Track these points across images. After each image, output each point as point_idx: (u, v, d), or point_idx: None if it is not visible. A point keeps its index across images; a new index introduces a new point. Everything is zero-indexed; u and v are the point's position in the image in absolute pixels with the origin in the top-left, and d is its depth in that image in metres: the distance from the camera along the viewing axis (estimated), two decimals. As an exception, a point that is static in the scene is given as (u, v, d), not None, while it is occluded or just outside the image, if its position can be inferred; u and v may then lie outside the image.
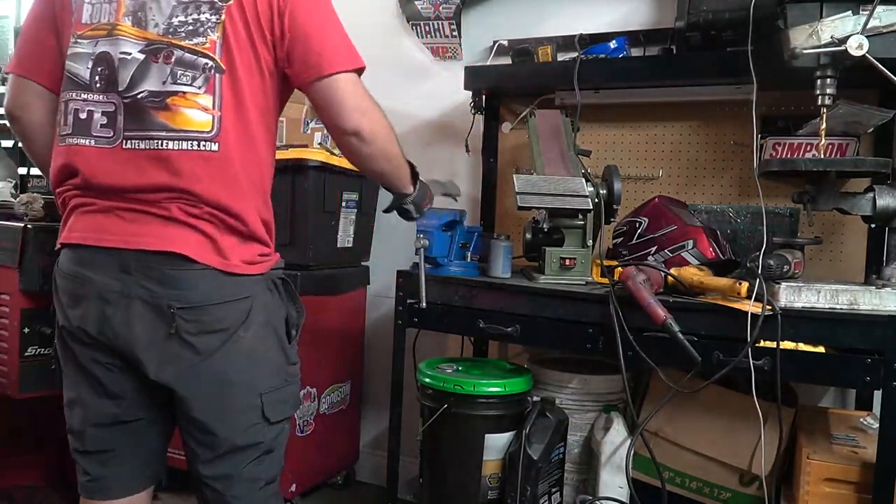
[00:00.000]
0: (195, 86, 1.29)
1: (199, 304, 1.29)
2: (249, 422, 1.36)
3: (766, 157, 2.11)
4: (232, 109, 1.30)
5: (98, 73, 1.32)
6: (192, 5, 1.30)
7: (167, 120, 1.28)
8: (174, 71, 1.29)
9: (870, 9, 1.52)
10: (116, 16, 1.31)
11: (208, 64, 1.29)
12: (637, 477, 1.95)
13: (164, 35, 1.29)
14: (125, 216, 1.29)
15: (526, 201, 1.91)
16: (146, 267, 1.28)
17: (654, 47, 2.35)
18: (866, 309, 1.59)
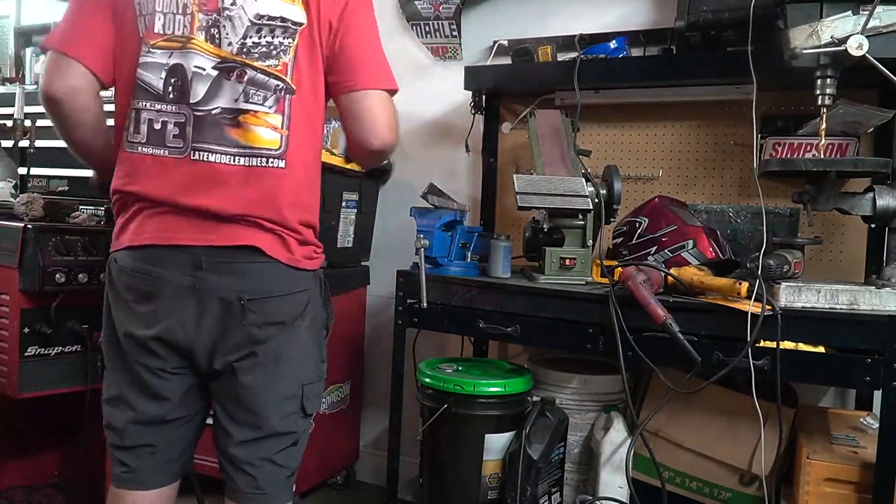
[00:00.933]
0: (266, 105, 1.36)
1: (265, 296, 1.36)
2: (290, 409, 1.43)
3: (766, 157, 2.11)
4: (299, 129, 1.39)
5: (171, 84, 1.36)
6: (266, 28, 1.36)
7: (238, 136, 1.35)
8: (247, 90, 1.35)
9: (870, 9, 1.52)
10: (190, 29, 1.35)
11: (279, 85, 1.37)
12: (637, 477, 1.95)
13: (237, 54, 1.35)
14: (193, 220, 1.35)
15: (526, 201, 1.91)
16: (217, 262, 1.34)
17: (654, 47, 2.35)
18: (866, 309, 1.59)
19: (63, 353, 1.97)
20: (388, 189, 2.78)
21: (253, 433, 1.40)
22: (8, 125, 2.42)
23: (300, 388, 1.43)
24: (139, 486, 1.47)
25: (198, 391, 1.45)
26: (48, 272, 1.87)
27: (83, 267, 1.94)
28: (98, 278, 1.96)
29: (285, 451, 1.44)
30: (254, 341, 1.37)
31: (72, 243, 1.95)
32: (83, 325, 1.98)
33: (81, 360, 1.99)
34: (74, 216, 2.12)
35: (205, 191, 1.33)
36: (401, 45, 2.79)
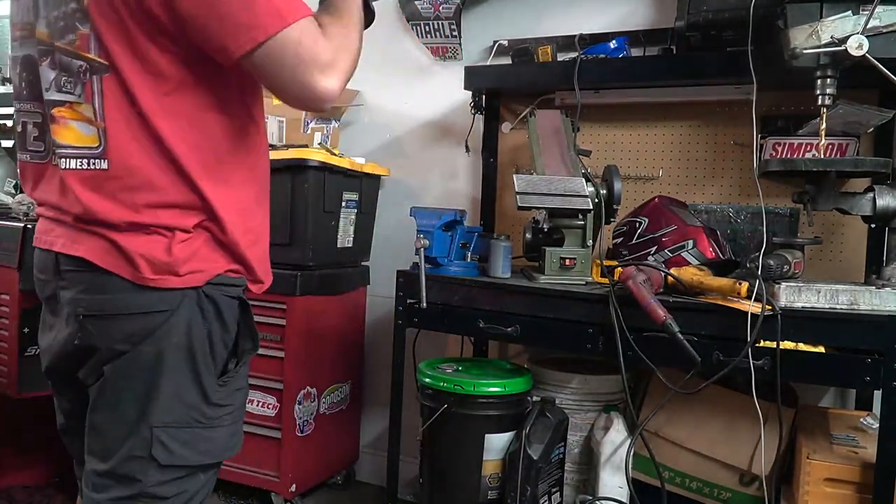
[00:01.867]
0: (76, 94, 1.09)
1: (106, 314, 1.12)
2: (129, 452, 1.13)
3: (766, 157, 2.11)
4: (123, 117, 1.08)
5: (24, 78, 1.17)
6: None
7: (55, 135, 1.12)
8: (58, 77, 1.10)
9: (870, 9, 1.52)
10: (36, 13, 1.12)
11: (82, 66, 1.07)
12: (637, 477, 1.96)
13: (48, 34, 1.11)
14: (56, 223, 1.18)
15: (526, 201, 1.91)
16: (65, 270, 1.14)
17: (654, 47, 2.35)
18: (866, 309, 1.59)
19: (63, 353, 1.97)
20: (389, 189, 2.78)
21: (93, 464, 1.16)
22: (8, 125, 2.42)
23: (147, 429, 1.12)
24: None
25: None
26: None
27: (83, 267, 1.93)
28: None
29: (123, 501, 1.13)
30: (99, 358, 1.13)
31: (72, 243, 1.94)
32: (83, 325, 1.98)
33: (81, 360, 1.99)
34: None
35: (54, 191, 1.15)
36: (401, 46, 2.79)
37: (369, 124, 2.87)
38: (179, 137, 1.10)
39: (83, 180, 1.10)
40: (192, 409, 1.15)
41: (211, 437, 1.18)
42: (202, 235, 1.14)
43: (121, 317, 1.11)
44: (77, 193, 1.10)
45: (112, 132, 1.08)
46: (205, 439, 1.17)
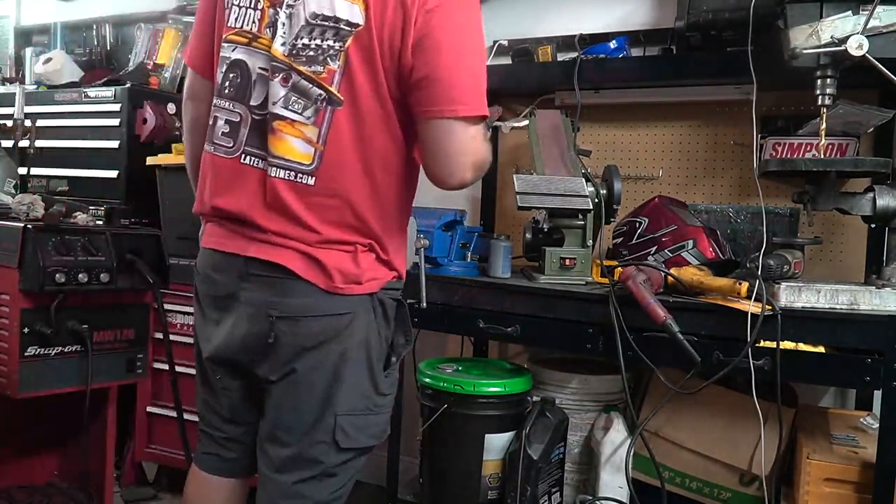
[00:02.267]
0: (304, 115, 1.24)
1: (296, 315, 1.26)
2: (316, 438, 1.30)
3: (766, 157, 2.11)
4: (339, 145, 1.23)
5: (230, 79, 1.30)
6: (317, 28, 1.22)
7: (271, 144, 1.25)
8: (288, 96, 1.24)
9: (870, 9, 1.52)
10: (259, 26, 1.27)
11: (321, 95, 1.23)
12: (637, 477, 1.95)
13: (287, 56, 1.24)
14: (237, 227, 1.31)
15: (526, 201, 1.91)
16: (255, 275, 1.28)
17: (654, 47, 2.35)
18: (866, 309, 1.59)
19: (63, 353, 1.97)
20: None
21: (280, 453, 1.31)
22: (8, 125, 2.42)
23: (332, 416, 1.28)
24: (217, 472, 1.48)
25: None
26: (48, 272, 1.86)
27: (83, 267, 1.93)
28: (98, 278, 1.96)
29: (311, 482, 1.31)
30: (286, 358, 1.28)
31: (72, 243, 1.94)
32: (83, 325, 1.98)
33: (81, 360, 1.99)
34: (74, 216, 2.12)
35: (242, 195, 1.28)
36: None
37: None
38: (394, 175, 1.30)
39: (287, 188, 1.24)
40: (367, 399, 1.33)
41: (377, 422, 1.37)
42: (373, 252, 1.31)
43: (311, 318, 1.26)
44: (283, 196, 1.24)
45: (328, 156, 1.24)
46: (374, 424, 1.35)
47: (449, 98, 1.22)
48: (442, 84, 1.21)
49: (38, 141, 2.48)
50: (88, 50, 3.36)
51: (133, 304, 2.12)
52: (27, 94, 2.63)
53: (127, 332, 2.12)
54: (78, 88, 2.89)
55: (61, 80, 3.03)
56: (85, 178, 2.79)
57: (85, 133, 2.81)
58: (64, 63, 3.09)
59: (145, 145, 2.71)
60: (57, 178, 2.81)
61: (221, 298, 1.34)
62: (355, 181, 1.25)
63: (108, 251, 2.01)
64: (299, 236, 1.25)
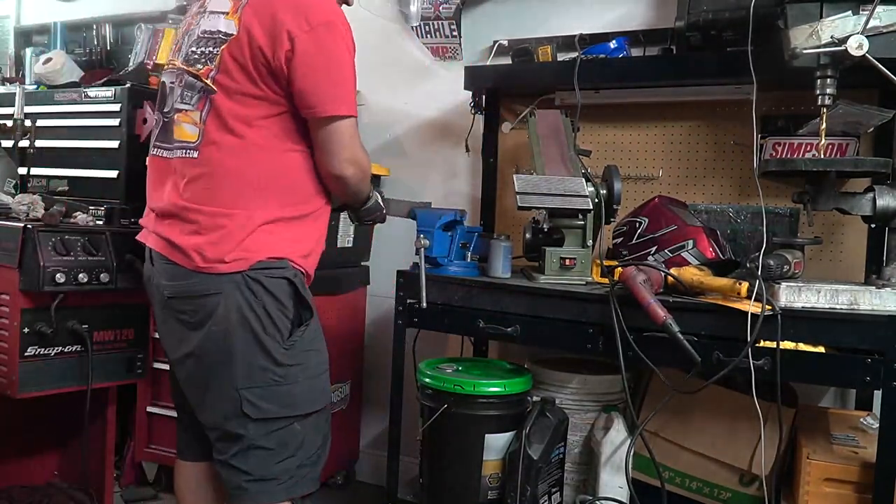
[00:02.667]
0: (191, 104, 1.54)
1: (178, 296, 1.52)
2: (227, 412, 1.50)
3: (766, 157, 2.11)
4: (220, 125, 1.50)
5: (158, 96, 1.68)
6: (203, 39, 1.55)
7: (173, 133, 1.57)
8: (182, 92, 1.55)
9: (870, 9, 1.52)
10: (175, 51, 1.64)
11: (200, 85, 1.52)
12: (637, 477, 1.95)
13: (183, 63, 1.57)
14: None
15: (526, 201, 1.91)
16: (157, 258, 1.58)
17: (654, 47, 2.35)
18: (866, 309, 1.59)
19: (63, 353, 1.97)
20: (389, 189, 2.78)
21: (210, 434, 1.57)
22: (8, 125, 2.42)
23: (234, 391, 1.48)
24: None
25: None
26: (48, 272, 1.86)
27: (83, 267, 1.93)
28: (98, 278, 1.96)
29: (240, 456, 1.50)
30: (185, 336, 1.53)
31: (72, 243, 1.94)
32: (83, 325, 1.98)
33: (81, 360, 1.99)
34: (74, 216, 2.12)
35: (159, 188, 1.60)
36: (401, 46, 2.79)
37: (369, 124, 2.86)
38: (273, 147, 1.59)
39: (181, 164, 1.56)
40: (265, 371, 1.50)
41: (289, 391, 1.51)
42: (244, 231, 1.51)
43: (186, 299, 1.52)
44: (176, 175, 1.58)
45: (207, 132, 1.52)
46: (284, 394, 1.51)
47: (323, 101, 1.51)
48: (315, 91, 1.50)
49: (38, 141, 2.48)
50: (88, 50, 3.36)
51: (133, 304, 2.12)
52: (27, 94, 2.63)
53: (127, 332, 2.12)
54: (78, 88, 2.88)
55: (61, 80, 3.03)
56: (85, 178, 2.78)
57: (85, 133, 2.80)
58: (64, 63, 3.09)
59: (145, 145, 2.70)
60: (57, 178, 2.81)
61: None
62: (229, 155, 1.49)
63: (108, 251, 2.01)
64: (179, 214, 1.53)
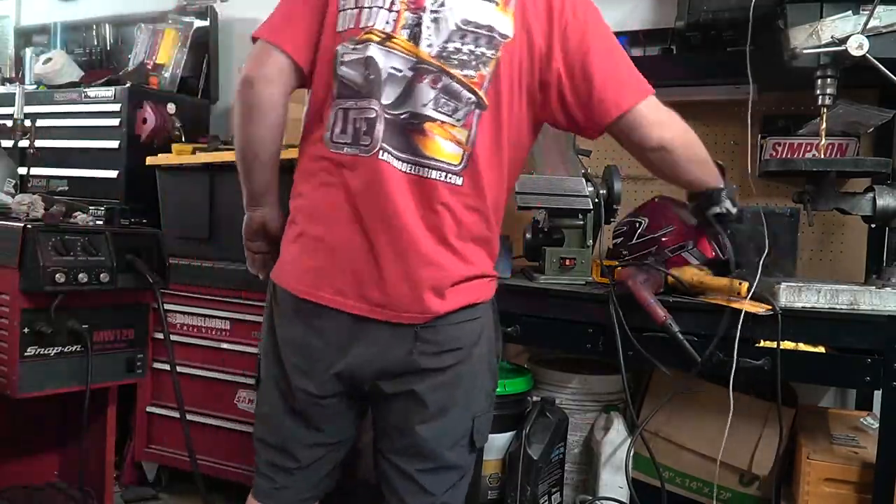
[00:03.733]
0: (455, 118, 1.27)
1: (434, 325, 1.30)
2: (458, 442, 1.38)
3: (766, 157, 2.11)
4: (483, 148, 1.29)
5: (364, 76, 1.28)
6: (470, 35, 1.27)
7: (420, 144, 1.27)
8: (438, 97, 1.27)
9: (870, 9, 1.52)
10: (395, 27, 1.27)
11: (471, 98, 1.27)
12: (637, 477, 1.95)
13: (435, 58, 1.27)
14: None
15: (526, 201, 1.91)
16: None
17: (654, 47, 2.35)
18: (866, 309, 1.59)
19: (63, 353, 1.97)
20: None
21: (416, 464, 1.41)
22: (8, 125, 2.42)
23: (470, 419, 1.41)
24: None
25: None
26: (48, 272, 1.87)
27: (83, 267, 1.93)
28: (98, 278, 1.96)
29: (454, 488, 1.43)
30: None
31: (72, 243, 1.94)
32: (83, 325, 1.99)
33: (81, 360, 1.99)
34: (74, 216, 2.12)
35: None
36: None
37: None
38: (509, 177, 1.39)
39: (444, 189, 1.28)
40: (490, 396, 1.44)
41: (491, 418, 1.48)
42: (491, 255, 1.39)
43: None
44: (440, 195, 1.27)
45: (475, 157, 1.28)
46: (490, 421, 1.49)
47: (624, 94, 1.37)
48: (609, 88, 1.35)
49: (38, 141, 2.48)
50: (88, 50, 3.36)
51: (133, 304, 2.12)
52: (27, 94, 2.63)
53: (127, 332, 2.12)
54: (78, 88, 2.89)
55: (61, 80, 3.03)
56: (85, 178, 2.79)
57: (85, 133, 2.81)
58: (64, 63, 3.09)
59: (145, 145, 2.72)
60: (57, 178, 2.82)
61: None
62: (491, 184, 1.31)
63: (108, 251, 2.01)
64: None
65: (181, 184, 2.60)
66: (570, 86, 1.32)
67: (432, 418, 1.32)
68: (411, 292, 1.26)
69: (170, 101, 2.83)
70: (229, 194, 2.42)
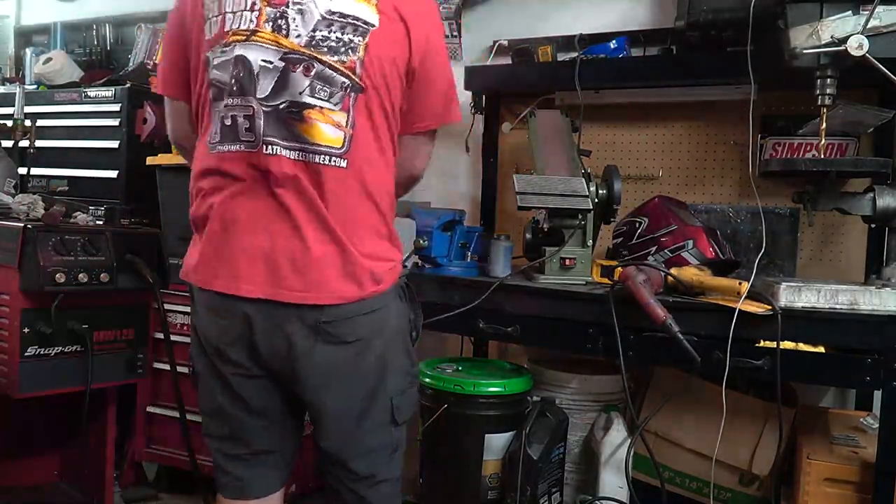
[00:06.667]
0: (331, 102, 1.31)
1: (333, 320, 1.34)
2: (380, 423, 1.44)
3: (766, 157, 2.11)
4: (364, 129, 1.33)
5: (234, 75, 1.32)
6: (336, 24, 1.31)
7: (304, 132, 1.31)
8: (313, 84, 1.30)
9: (870, 9, 1.52)
10: (257, 22, 1.32)
11: (346, 83, 1.31)
12: (637, 477, 1.95)
13: (305, 47, 1.30)
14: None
15: (526, 201, 1.91)
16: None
17: (654, 47, 2.35)
18: (866, 309, 1.59)
19: (63, 353, 1.97)
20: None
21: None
22: (8, 125, 2.42)
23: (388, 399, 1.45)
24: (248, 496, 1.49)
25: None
26: (48, 272, 1.87)
27: (83, 267, 1.94)
28: (98, 278, 1.96)
29: (388, 461, 1.53)
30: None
31: (72, 243, 1.95)
32: (83, 325, 1.99)
33: (81, 360, 1.99)
34: (74, 216, 2.12)
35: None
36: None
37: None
38: (390, 162, 1.42)
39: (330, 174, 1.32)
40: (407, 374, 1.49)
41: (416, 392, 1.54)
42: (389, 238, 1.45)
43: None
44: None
45: (356, 138, 1.32)
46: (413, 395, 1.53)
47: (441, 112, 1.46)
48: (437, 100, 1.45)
49: (38, 141, 2.48)
50: (88, 50, 3.36)
51: (133, 304, 2.13)
52: (27, 94, 2.63)
53: (127, 332, 2.12)
54: (78, 88, 2.89)
55: (61, 80, 3.03)
56: (85, 178, 2.79)
57: (85, 133, 2.81)
58: (64, 63, 3.09)
59: (145, 145, 2.71)
60: (57, 178, 2.81)
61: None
62: (372, 163, 1.35)
63: (108, 251, 2.01)
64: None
65: (181, 184, 2.57)
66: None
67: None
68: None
69: (170, 101, 2.83)
70: (229, 194, 2.41)
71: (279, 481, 1.50)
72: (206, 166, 1.36)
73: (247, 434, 1.43)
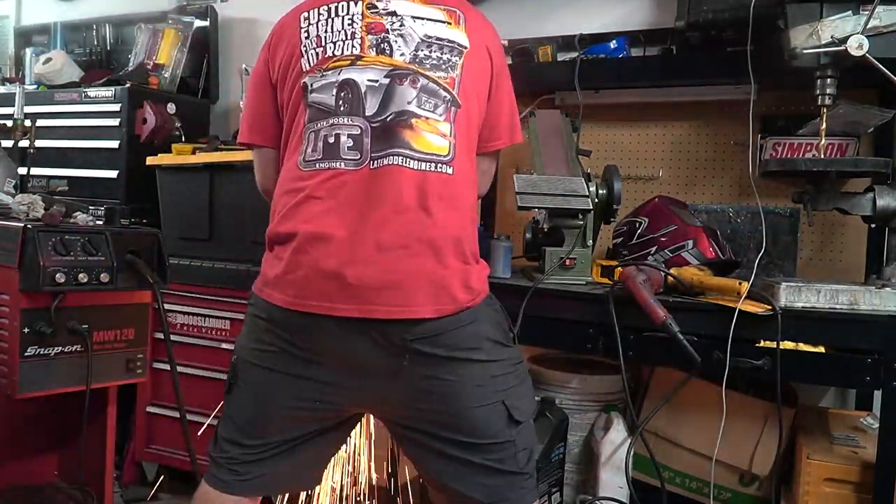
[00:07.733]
0: (436, 113, 1.37)
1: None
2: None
3: (766, 157, 2.11)
4: (462, 141, 1.39)
5: (342, 97, 1.37)
6: (435, 45, 1.40)
7: (411, 139, 1.34)
8: (419, 96, 1.36)
9: (870, 9, 1.52)
10: (361, 48, 1.39)
11: (447, 97, 1.38)
12: (637, 477, 1.95)
13: (409, 63, 1.38)
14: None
15: (526, 201, 1.91)
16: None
17: (654, 47, 2.35)
18: (866, 309, 1.59)
19: (63, 353, 1.97)
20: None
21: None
22: (8, 125, 2.42)
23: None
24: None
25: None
26: (48, 272, 1.86)
27: (83, 267, 1.93)
28: (98, 278, 1.96)
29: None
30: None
31: (72, 243, 1.94)
32: (83, 325, 1.98)
33: (81, 360, 1.99)
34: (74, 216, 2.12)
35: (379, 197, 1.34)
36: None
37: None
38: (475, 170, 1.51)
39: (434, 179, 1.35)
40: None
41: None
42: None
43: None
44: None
45: (458, 148, 1.38)
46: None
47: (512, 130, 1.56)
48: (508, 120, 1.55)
49: (38, 141, 2.48)
50: (88, 50, 3.36)
51: (133, 304, 2.12)
52: (27, 94, 2.62)
53: (127, 332, 2.12)
54: (78, 88, 2.89)
55: (61, 80, 3.03)
56: (85, 178, 2.79)
57: (85, 133, 2.81)
58: (64, 63, 3.09)
59: (145, 145, 2.72)
60: (57, 178, 2.81)
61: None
62: (467, 174, 1.42)
63: (108, 251, 2.01)
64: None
65: (181, 184, 2.60)
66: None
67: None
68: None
69: (170, 101, 2.83)
70: (229, 194, 2.42)
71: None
72: (297, 185, 1.36)
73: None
